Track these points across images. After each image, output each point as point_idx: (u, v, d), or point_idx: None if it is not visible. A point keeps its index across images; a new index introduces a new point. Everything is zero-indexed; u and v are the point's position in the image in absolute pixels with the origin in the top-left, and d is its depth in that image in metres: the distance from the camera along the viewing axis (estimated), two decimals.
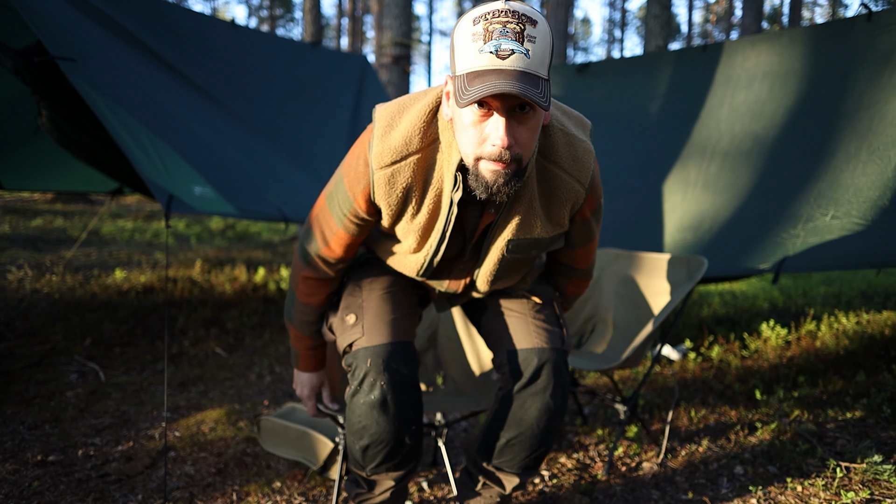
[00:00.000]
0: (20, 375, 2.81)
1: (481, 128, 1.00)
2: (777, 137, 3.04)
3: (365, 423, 1.30)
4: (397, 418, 1.30)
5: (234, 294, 4.32)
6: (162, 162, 2.39)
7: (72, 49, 2.41)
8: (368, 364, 1.28)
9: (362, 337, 1.32)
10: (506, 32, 0.92)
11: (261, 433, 2.07)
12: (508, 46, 0.92)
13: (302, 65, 4.18)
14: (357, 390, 1.30)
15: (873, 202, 2.48)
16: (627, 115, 3.82)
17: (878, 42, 2.78)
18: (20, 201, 8.98)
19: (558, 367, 1.34)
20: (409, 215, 1.21)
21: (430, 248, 1.27)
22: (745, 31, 12.08)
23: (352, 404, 1.32)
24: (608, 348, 2.37)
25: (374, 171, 1.15)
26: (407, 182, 1.16)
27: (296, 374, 1.61)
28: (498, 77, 0.91)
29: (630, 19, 34.59)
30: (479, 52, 0.93)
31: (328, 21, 28.94)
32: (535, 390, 1.33)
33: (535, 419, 1.34)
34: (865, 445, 2.10)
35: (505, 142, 0.98)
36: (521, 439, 1.37)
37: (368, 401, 1.28)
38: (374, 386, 1.28)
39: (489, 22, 0.93)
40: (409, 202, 1.19)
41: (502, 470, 1.45)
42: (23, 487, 1.87)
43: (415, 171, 1.15)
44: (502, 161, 1.00)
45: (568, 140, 1.18)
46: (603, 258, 2.51)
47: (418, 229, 1.23)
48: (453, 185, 1.13)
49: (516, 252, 1.27)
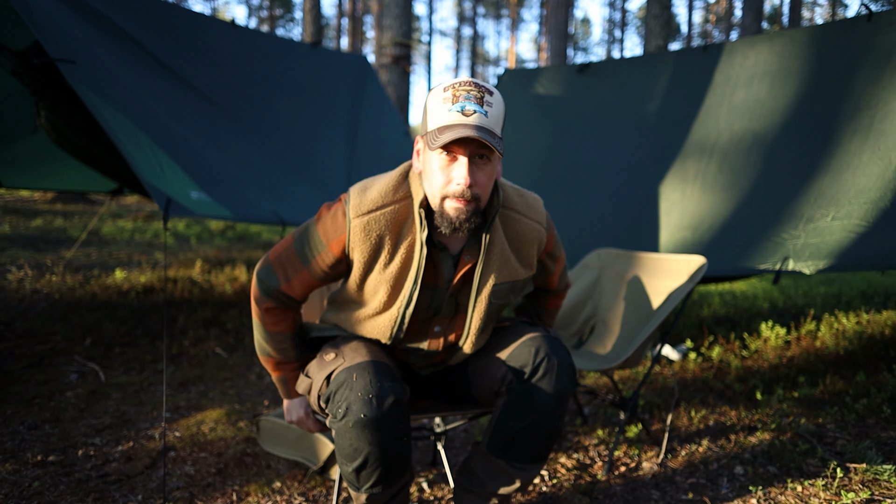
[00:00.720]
0: (20, 375, 2.81)
1: (448, 171, 1.21)
2: (777, 136, 3.04)
3: (356, 446, 1.25)
4: (389, 433, 1.25)
5: (234, 294, 4.33)
6: (160, 165, 2.38)
7: (71, 51, 2.41)
8: (354, 378, 1.25)
9: (343, 363, 1.30)
10: (469, 98, 1.17)
11: (260, 433, 2.07)
12: (472, 108, 1.17)
13: (302, 65, 4.18)
14: (345, 412, 1.24)
15: (874, 203, 2.47)
16: (627, 115, 3.82)
17: (879, 42, 2.77)
18: (20, 201, 8.99)
19: (557, 349, 1.37)
20: (381, 264, 1.31)
21: (402, 301, 1.33)
22: (745, 32, 12.08)
23: (340, 430, 1.26)
24: (608, 348, 2.37)
25: (350, 219, 1.28)
26: (381, 230, 1.29)
27: (286, 404, 1.55)
28: (463, 129, 1.15)
29: (630, 19, 34.62)
30: (448, 111, 1.17)
31: (328, 21, 28.95)
32: (542, 375, 1.35)
33: (547, 403, 1.35)
34: (865, 445, 2.10)
35: (467, 181, 1.19)
36: (535, 426, 1.38)
37: (358, 420, 1.22)
38: (362, 403, 1.23)
39: (457, 89, 1.18)
40: (382, 250, 1.30)
41: (514, 465, 1.44)
42: (23, 487, 1.87)
43: (389, 222, 1.29)
44: (464, 198, 1.20)
45: (518, 192, 1.43)
46: (603, 258, 2.51)
47: (390, 279, 1.32)
48: (420, 225, 1.28)
49: (500, 297, 1.39)
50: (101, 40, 2.78)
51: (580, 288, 2.48)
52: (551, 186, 3.93)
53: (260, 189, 3.05)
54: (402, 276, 1.32)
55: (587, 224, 3.57)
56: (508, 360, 1.41)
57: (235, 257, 5.86)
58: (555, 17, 11.57)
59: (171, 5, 3.43)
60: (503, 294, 1.39)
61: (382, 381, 1.26)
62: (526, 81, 4.44)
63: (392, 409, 1.25)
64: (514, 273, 1.39)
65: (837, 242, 2.48)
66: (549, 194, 3.86)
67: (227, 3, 37.88)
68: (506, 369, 1.40)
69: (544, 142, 4.15)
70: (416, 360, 1.52)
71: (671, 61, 3.73)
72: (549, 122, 4.20)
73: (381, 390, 1.25)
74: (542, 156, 4.11)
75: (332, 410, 1.28)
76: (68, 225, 7.27)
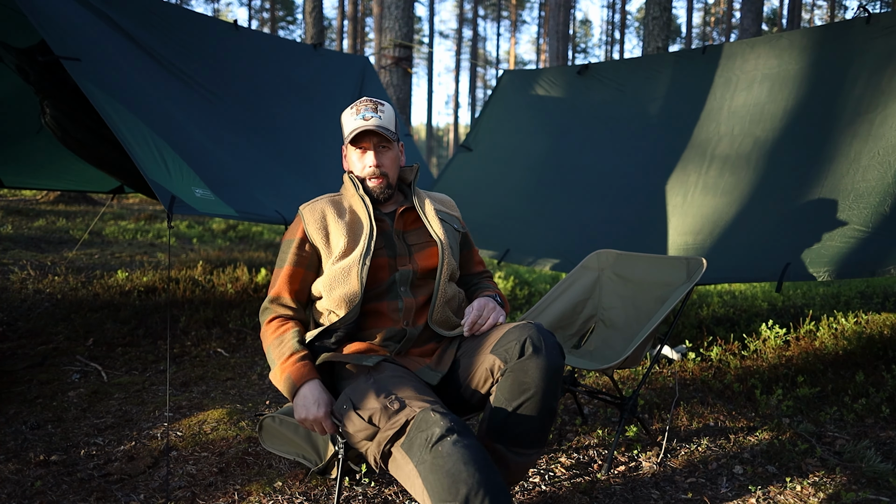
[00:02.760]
0: (23, 375, 2.82)
1: (363, 160, 1.72)
2: (777, 140, 3.05)
3: (453, 469, 1.19)
4: (481, 456, 1.24)
5: (236, 294, 4.34)
6: (164, 163, 2.40)
7: (76, 49, 2.42)
8: (432, 416, 1.27)
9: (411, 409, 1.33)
10: (367, 108, 1.69)
11: (262, 433, 2.08)
12: (370, 115, 1.69)
13: (303, 66, 4.20)
14: (439, 436, 1.23)
15: (874, 208, 2.47)
16: (627, 118, 3.83)
17: (878, 45, 2.78)
18: (23, 202, 9.01)
19: (543, 332, 1.45)
20: (333, 221, 1.67)
21: (364, 240, 1.62)
22: (744, 33, 12.08)
23: (429, 456, 1.22)
24: (608, 348, 2.38)
25: (301, 212, 1.72)
26: (323, 208, 1.70)
27: (298, 400, 1.51)
28: (364, 127, 1.67)
29: (630, 21, 34.63)
30: (354, 119, 1.69)
31: (330, 23, 28.97)
32: (531, 355, 1.40)
33: (539, 378, 1.39)
34: (864, 445, 2.11)
35: (374, 162, 1.70)
36: (530, 405, 1.40)
37: (450, 441, 1.22)
38: (447, 428, 1.24)
39: (358, 106, 1.71)
40: (328, 217, 1.68)
41: (512, 450, 1.45)
42: (25, 487, 1.88)
43: (328, 203, 1.72)
44: (376, 176, 1.71)
45: (427, 193, 1.86)
46: (602, 259, 2.52)
47: (345, 229, 1.65)
48: (358, 192, 1.72)
49: (446, 220, 1.75)
50: (105, 40, 2.80)
51: (580, 288, 2.49)
52: (551, 189, 3.95)
53: (263, 188, 3.06)
54: (354, 225, 1.66)
55: (587, 227, 3.57)
56: (495, 350, 1.45)
57: (237, 258, 5.88)
58: (554, 19, 11.59)
59: (174, 6, 3.45)
60: (447, 218, 1.76)
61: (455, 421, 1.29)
62: (525, 82, 4.45)
63: (472, 436, 1.28)
64: (447, 207, 1.82)
65: (838, 249, 2.48)
66: (550, 196, 3.92)
67: (230, 4, 37.96)
68: (493, 358, 1.44)
69: (544, 143, 4.16)
70: (409, 343, 1.60)
71: (671, 63, 3.74)
72: (548, 123, 4.21)
73: (455, 419, 1.29)
74: (542, 158, 4.12)
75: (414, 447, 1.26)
76: (70, 225, 7.29)
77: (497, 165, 4.28)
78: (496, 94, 4.57)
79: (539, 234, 3.73)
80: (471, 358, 1.53)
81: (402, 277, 1.64)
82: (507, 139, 4.37)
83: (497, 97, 4.54)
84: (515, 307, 4.47)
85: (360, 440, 1.40)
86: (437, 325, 1.65)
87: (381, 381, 1.43)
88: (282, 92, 3.91)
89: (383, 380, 1.44)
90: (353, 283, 1.58)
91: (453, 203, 1.88)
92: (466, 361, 1.54)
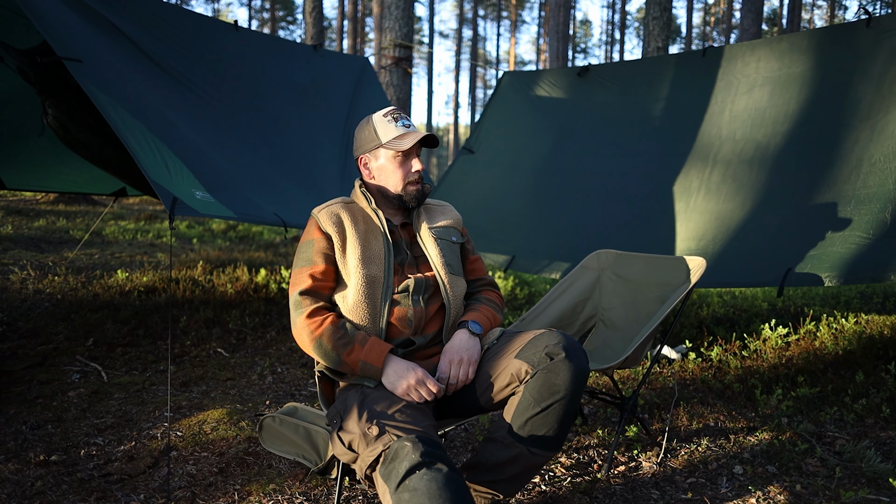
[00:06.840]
0: (23, 375, 2.82)
1: (405, 166, 1.69)
2: (778, 145, 3.04)
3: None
4: (452, 487, 1.22)
5: (236, 294, 4.34)
6: (165, 164, 2.40)
7: (77, 51, 2.43)
8: (405, 447, 1.25)
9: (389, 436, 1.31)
10: (403, 117, 1.71)
11: (262, 433, 2.08)
12: (409, 122, 1.71)
13: (303, 67, 4.19)
14: (406, 470, 1.22)
15: (875, 215, 2.47)
16: (628, 120, 3.82)
17: (878, 49, 2.77)
18: (23, 202, 9.01)
19: (570, 338, 1.49)
20: (349, 228, 1.64)
21: (380, 250, 1.62)
22: (744, 34, 12.07)
23: (399, 491, 1.22)
24: (608, 348, 2.38)
25: (316, 215, 1.67)
26: (338, 212, 1.66)
27: (389, 377, 1.48)
28: (416, 134, 1.67)
29: (630, 21, 34.63)
30: (395, 127, 1.68)
31: (330, 23, 28.98)
32: (563, 358, 1.44)
33: (570, 381, 1.43)
34: (864, 445, 2.11)
35: (421, 167, 1.71)
36: (557, 406, 1.43)
37: (418, 476, 1.20)
38: (417, 463, 1.23)
39: (392, 113, 1.71)
40: (345, 223, 1.64)
41: (532, 451, 1.48)
42: (25, 487, 1.88)
43: (341, 209, 1.67)
44: (420, 181, 1.70)
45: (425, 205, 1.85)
46: (602, 259, 2.52)
47: (361, 236, 1.63)
48: (372, 207, 1.70)
49: (442, 235, 1.73)
50: (105, 41, 2.80)
51: (580, 288, 2.50)
52: (555, 193, 3.94)
53: (261, 191, 3.06)
54: (369, 235, 1.64)
55: (588, 230, 3.57)
56: (521, 356, 1.48)
57: (237, 258, 5.88)
58: (554, 19, 11.59)
59: (174, 7, 3.45)
60: (444, 234, 1.75)
61: (434, 447, 1.28)
62: (526, 84, 4.45)
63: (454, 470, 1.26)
64: (445, 216, 1.80)
65: (840, 255, 2.47)
66: (554, 201, 3.92)
67: (230, 4, 37.96)
68: (520, 363, 1.47)
69: (546, 146, 4.15)
70: (415, 350, 1.59)
71: (671, 65, 3.73)
72: (550, 125, 4.21)
73: (437, 449, 1.28)
74: (545, 161, 4.11)
75: (390, 478, 1.25)
76: (71, 226, 7.29)
77: (499, 168, 4.27)
78: (497, 95, 4.57)
79: (543, 239, 3.72)
80: (492, 361, 1.55)
81: (417, 286, 1.61)
82: (508, 141, 4.37)
83: (498, 99, 4.54)
84: (515, 307, 4.46)
85: (346, 461, 1.44)
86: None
87: (369, 398, 1.44)
88: (280, 93, 3.91)
89: (372, 396, 1.45)
90: (375, 305, 1.56)
91: (452, 208, 1.86)
92: (487, 365, 1.55)
